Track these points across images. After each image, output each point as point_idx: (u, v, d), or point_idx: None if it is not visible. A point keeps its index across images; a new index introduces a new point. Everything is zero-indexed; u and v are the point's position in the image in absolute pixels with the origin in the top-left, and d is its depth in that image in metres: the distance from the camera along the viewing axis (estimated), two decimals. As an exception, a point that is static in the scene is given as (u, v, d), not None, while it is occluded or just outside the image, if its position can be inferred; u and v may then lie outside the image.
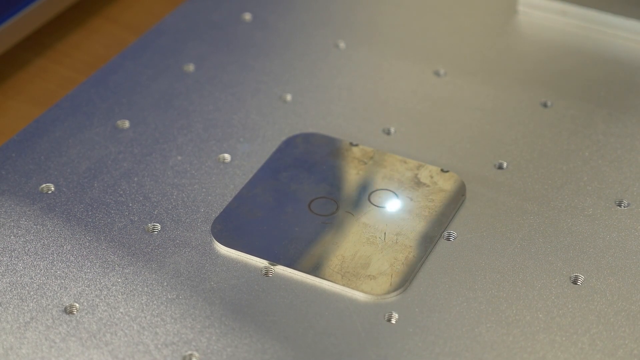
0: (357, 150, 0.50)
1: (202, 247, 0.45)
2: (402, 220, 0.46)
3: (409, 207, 0.47)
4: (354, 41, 0.58)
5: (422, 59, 0.57)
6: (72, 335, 0.41)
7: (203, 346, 0.41)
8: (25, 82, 0.57)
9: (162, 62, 0.56)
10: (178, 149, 0.50)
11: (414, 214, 0.46)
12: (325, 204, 0.47)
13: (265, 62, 0.56)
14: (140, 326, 0.41)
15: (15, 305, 0.42)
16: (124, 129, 0.51)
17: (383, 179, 0.48)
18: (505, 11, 0.61)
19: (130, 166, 0.49)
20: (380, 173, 0.49)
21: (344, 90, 0.55)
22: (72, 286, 0.43)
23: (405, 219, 0.46)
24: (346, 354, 0.40)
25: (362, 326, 0.42)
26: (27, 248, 0.45)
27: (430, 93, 0.54)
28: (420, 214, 0.46)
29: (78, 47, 0.60)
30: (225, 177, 0.49)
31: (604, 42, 0.58)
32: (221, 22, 0.59)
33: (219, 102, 0.53)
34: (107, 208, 0.47)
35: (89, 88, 0.54)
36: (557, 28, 0.59)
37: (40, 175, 0.48)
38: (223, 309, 0.42)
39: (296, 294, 0.43)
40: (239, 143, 0.50)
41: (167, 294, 0.43)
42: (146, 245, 0.45)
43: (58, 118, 0.52)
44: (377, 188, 0.48)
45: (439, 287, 0.43)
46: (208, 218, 0.46)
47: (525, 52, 0.58)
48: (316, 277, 0.43)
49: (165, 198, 0.47)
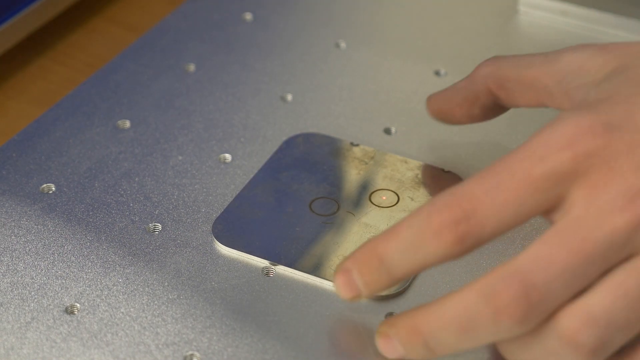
0: (358, 150, 0.50)
1: (203, 247, 0.45)
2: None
3: (410, 207, 0.47)
4: (354, 41, 0.58)
5: (423, 59, 0.57)
6: (73, 336, 0.41)
7: (204, 346, 0.41)
8: (26, 82, 0.57)
9: (163, 62, 0.56)
10: (179, 149, 0.50)
11: None
12: (326, 204, 0.47)
13: (266, 62, 0.56)
14: (141, 326, 0.41)
15: (16, 305, 0.42)
16: (125, 129, 0.51)
17: (384, 179, 0.48)
18: (505, 11, 0.61)
19: (131, 166, 0.49)
20: (381, 173, 0.49)
21: (345, 90, 0.55)
22: (73, 286, 0.43)
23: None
24: (347, 354, 0.40)
25: (362, 326, 0.42)
26: (28, 248, 0.45)
27: (431, 93, 0.54)
28: None
29: (78, 47, 0.60)
30: (226, 177, 0.49)
31: (604, 42, 0.58)
32: (222, 22, 0.59)
33: (219, 102, 0.53)
34: (108, 208, 0.47)
35: (89, 88, 0.54)
36: (558, 28, 0.59)
37: (41, 175, 0.48)
38: (224, 309, 0.42)
39: (297, 294, 0.43)
40: (239, 143, 0.50)
41: (168, 294, 0.43)
42: (147, 245, 0.45)
43: (58, 118, 0.52)
44: (378, 188, 0.48)
45: (439, 287, 0.43)
46: (209, 218, 0.46)
47: (525, 52, 0.57)
48: (317, 277, 0.43)
49: (166, 198, 0.47)
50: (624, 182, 0.36)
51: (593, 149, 0.36)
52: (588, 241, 0.35)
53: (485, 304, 0.35)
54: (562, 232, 0.36)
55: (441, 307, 0.37)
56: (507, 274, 0.35)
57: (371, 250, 0.38)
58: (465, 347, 0.37)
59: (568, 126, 0.37)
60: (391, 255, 0.37)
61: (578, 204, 0.36)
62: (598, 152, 0.36)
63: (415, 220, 0.37)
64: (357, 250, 0.38)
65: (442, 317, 0.36)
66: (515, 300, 0.35)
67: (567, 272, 0.35)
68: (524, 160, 0.37)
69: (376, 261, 0.38)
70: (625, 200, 0.36)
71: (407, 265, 0.37)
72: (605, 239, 0.35)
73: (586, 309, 0.35)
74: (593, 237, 0.35)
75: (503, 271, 0.36)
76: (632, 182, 0.36)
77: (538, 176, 0.36)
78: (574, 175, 0.36)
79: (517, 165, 0.37)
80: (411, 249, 0.37)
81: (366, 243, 0.38)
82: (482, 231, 0.36)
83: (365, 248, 0.38)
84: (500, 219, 0.36)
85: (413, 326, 0.37)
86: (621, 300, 0.35)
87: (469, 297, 0.36)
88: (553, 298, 0.35)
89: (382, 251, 0.37)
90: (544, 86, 0.44)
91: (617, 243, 0.35)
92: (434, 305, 0.37)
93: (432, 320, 0.37)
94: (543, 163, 0.36)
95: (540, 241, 0.36)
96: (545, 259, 0.35)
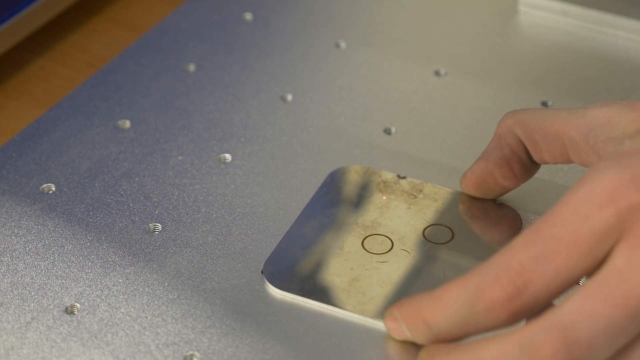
0: (406, 183, 0.47)
1: (202, 247, 0.45)
2: (460, 257, 0.44)
3: (464, 243, 0.45)
4: (354, 41, 0.58)
5: (423, 59, 0.57)
6: (73, 336, 0.41)
7: (204, 346, 0.41)
8: (26, 82, 0.57)
9: (163, 62, 0.56)
10: (179, 149, 0.50)
11: (472, 247, 0.45)
12: (379, 241, 0.45)
13: (266, 62, 0.56)
14: (141, 326, 0.41)
15: (17, 305, 0.42)
16: (125, 129, 0.51)
17: (436, 214, 0.46)
18: (505, 11, 0.61)
19: (131, 166, 0.49)
20: (432, 207, 0.46)
21: (345, 90, 0.55)
22: (73, 286, 0.43)
23: (465, 253, 0.45)
24: (347, 354, 0.40)
25: (363, 326, 0.41)
26: (28, 248, 0.45)
27: (431, 93, 0.54)
28: (477, 248, 0.45)
29: (78, 47, 0.60)
30: (226, 177, 0.49)
31: (604, 42, 0.58)
32: (222, 22, 0.59)
33: (219, 102, 0.53)
34: (108, 208, 0.47)
35: (89, 88, 0.54)
36: (558, 28, 0.59)
37: (41, 176, 0.48)
38: (224, 309, 0.42)
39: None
40: (239, 143, 0.50)
41: (168, 294, 0.43)
42: (147, 245, 0.45)
43: (58, 118, 0.52)
44: (430, 223, 0.46)
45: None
46: (209, 218, 0.46)
47: (525, 52, 0.58)
48: (375, 320, 0.41)
49: (166, 198, 0.47)
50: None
51: (636, 202, 0.35)
52: (632, 296, 0.34)
53: (524, 357, 0.34)
54: (605, 286, 0.34)
55: (480, 350, 0.36)
56: (549, 326, 0.34)
57: (418, 313, 0.37)
58: None
59: (609, 180, 0.36)
60: (438, 324, 0.37)
61: (620, 258, 0.35)
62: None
63: (464, 291, 0.36)
64: (405, 305, 0.38)
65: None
66: (555, 356, 0.34)
67: (609, 329, 0.34)
68: (568, 221, 0.35)
69: (422, 325, 0.37)
70: None
71: (455, 333, 0.37)
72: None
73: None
74: (637, 292, 0.34)
75: (544, 323, 0.34)
76: None
77: (585, 238, 0.35)
78: (619, 231, 0.35)
79: (562, 229, 0.35)
80: (460, 321, 0.36)
81: (414, 301, 0.38)
82: (535, 303, 0.36)
83: (413, 307, 0.38)
84: (553, 288, 0.35)
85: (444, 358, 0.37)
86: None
87: (507, 347, 0.35)
88: (594, 355, 0.34)
89: (429, 318, 0.37)
90: (569, 139, 0.42)
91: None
92: (472, 349, 0.36)
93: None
94: (588, 222, 0.35)
95: (582, 294, 0.35)
96: (588, 313, 0.34)
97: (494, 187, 0.46)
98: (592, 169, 0.36)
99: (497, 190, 0.46)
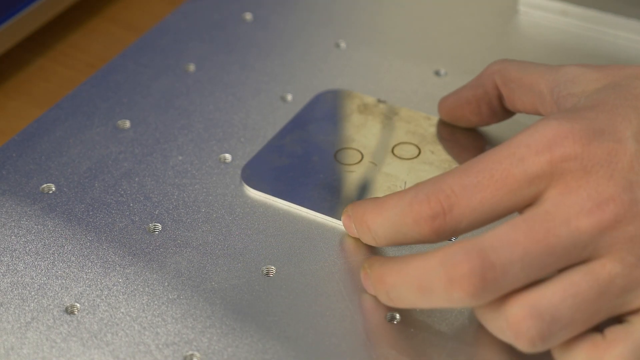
0: (384, 107, 0.52)
1: (202, 247, 0.45)
2: (423, 172, 0.48)
3: (430, 160, 0.49)
4: (354, 41, 0.58)
5: (423, 59, 0.57)
6: (73, 336, 0.41)
7: (204, 346, 0.41)
8: (26, 82, 0.57)
9: (163, 62, 0.56)
10: (179, 149, 0.50)
11: (435, 166, 0.48)
12: (350, 154, 0.49)
13: (266, 62, 0.56)
14: (141, 326, 0.41)
15: (16, 305, 0.42)
16: (125, 129, 0.51)
17: (407, 133, 0.50)
18: (505, 11, 0.61)
19: (131, 166, 0.49)
20: (404, 128, 0.50)
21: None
22: (73, 286, 0.43)
23: (426, 170, 0.48)
24: (348, 354, 0.40)
25: (363, 327, 0.42)
26: (28, 248, 0.45)
27: (431, 93, 0.54)
28: (440, 166, 0.48)
29: (78, 47, 0.60)
30: (226, 177, 0.49)
31: (604, 42, 0.58)
32: (222, 22, 0.59)
33: (219, 102, 0.53)
34: (108, 208, 0.47)
35: (89, 88, 0.54)
36: (558, 28, 0.59)
37: (41, 175, 0.48)
38: (224, 309, 0.42)
39: (297, 294, 0.43)
40: (239, 143, 0.51)
41: (168, 294, 0.43)
42: (147, 245, 0.45)
43: (58, 118, 0.52)
44: (400, 141, 0.49)
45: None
46: (209, 218, 0.46)
47: (525, 52, 0.58)
48: (334, 219, 0.45)
49: (166, 198, 0.47)
50: (596, 187, 0.37)
51: (571, 153, 0.38)
52: (552, 234, 0.37)
53: (443, 271, 0.37)
54: (529, 221, 0.37)
55: (406, 265, 0.39)
56: (470, 247, 0.37)
57: (362, 214, 0.42)
58: (421, 306, 0.39)
59: (548, 129, 0.38)
60: (375, 227, 0.41)
61: (549, 201, 0.37)
62: (576, 156, 0.37)
63: (399, 203, 0.40)
64: (357, 206, 0.43)
65: (404, 274, 0.39)
66: (470, 275, 0.37)
67: (525, 259, 0.37)
68: (503, 161, 0.38)
69: (365, 227, 0.42)
70: (593, 205, 0.37)
71: (389, 238, 0.41)
72: (568, 236, 0.37)
73: (534, 301, 0.37)
74: (557, 231, 0.37)
75: (467, 244, 0.37)
76: (604, 188, 0.37)
77: (515, 178, 0.38)
78: (550, 177, 0.38)
79: (496, 165, 0.38)
80: (393, 227, 0.40)
81: (363, 204, 0.42)
82: (457, 226, 0.38)
83: (360, 209, 0.42)
84: (476, 216, 0.38)
85: (381, 275, 0.40)
86: (570, 300, 0.37)
87: (430, 261, 0.38)
88: (507, 281, 0.37)
89: (369, 221, 0.42)
90: (539, 91, 0.45)
91: (579, 243, 0.37)
92: (401, 261, 0.39)
93: (395, 274, 0.39)
94: (521, 165, 0.38)
95: (507, 225, 0.37)
96: (508, 242, 0.37)
97: (461, 118, 0.50)
98: (541, 119, 0.39)
99: (464, 122, 0.50)
